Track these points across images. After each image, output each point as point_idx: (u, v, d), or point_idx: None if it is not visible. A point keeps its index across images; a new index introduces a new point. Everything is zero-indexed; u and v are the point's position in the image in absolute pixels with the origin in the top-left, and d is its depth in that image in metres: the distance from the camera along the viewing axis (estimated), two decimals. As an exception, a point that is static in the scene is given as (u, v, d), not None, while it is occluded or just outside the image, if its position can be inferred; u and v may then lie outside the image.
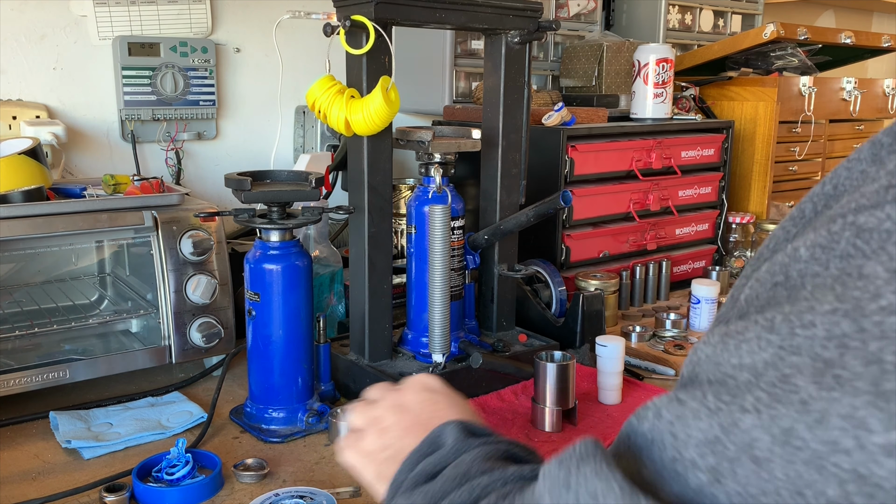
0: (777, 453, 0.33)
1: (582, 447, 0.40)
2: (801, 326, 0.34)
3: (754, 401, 0.34)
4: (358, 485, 0.94)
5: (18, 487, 0.93)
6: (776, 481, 0.33)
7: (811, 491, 0.32)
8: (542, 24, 1.21)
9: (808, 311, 0.34)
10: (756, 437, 0.33)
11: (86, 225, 1.14)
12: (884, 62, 3.15)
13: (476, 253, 1.26)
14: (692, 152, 1.70)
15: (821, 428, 0.32)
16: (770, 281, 0.38)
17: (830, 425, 0.31)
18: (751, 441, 0.33)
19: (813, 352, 0.33)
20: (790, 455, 0.32)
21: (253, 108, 1.73)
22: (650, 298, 1.63)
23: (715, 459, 0.35)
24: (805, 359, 0.33)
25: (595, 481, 0.37)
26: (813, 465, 0.32)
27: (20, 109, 1.45)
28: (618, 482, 0.37)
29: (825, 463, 0.31)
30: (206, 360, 1.28)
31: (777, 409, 0.33)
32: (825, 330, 0.33)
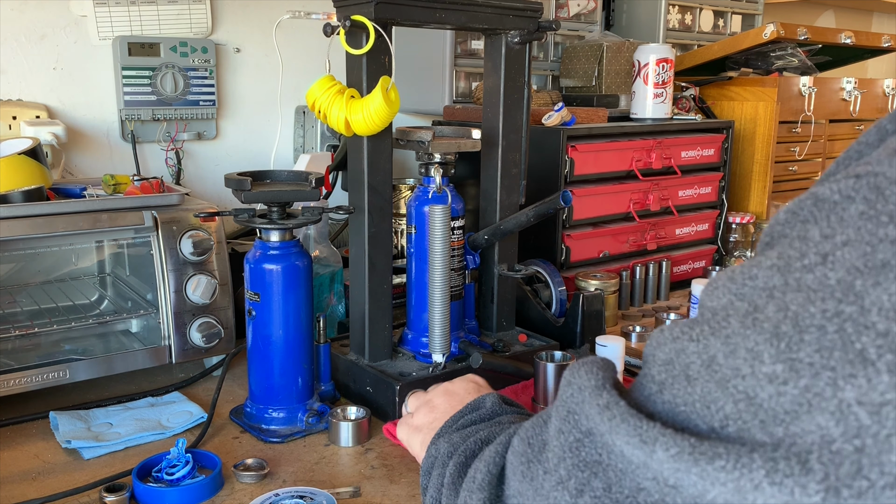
0: (702, 375, 0.39)
1: (591, 357, 0.49)
2: (748, 278, 0.40)
3: (699, 333, 0.40)
4: (358, 485, 0.94)
5: (18, 487, 0.93)
6: (695, 395, 0.40)
7: (714, 406, 0.38)
8: (542, 24, 1.21)
9: (756, 266, 0.40)
10: (692, 360, 0.40)
11: (86, 225, 1.14)
12: (884, 62, 3.15)
13: (476, 253, 1.26)
14: (692, 152, 1.70)
15: (732, 357, 0.38)
16: (763, 241, 0.44)
17: (738, 355, 0.38)
18: (688, 363, 0.40)
19: (751, 299, 0.39)
20: (708, 376, 0.39)
21: (253, 108, 1.73)
22: (650, 298, 1.63)
23: (665, 376, 0.42)
24: (744, 304, 0.39)
25: (584, 377, 0.46)
26: (721, 386, 0.38)
27: (20, 109, 1.45)
28: (596, 378, 0.45)
29: (728, 385, 0.38)
30: (206, 360, 1.28)
31: (710, 340, 0.40)
32: (763, 282, 0.39)
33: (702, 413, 0.39)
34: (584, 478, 0.43)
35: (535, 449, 0.50)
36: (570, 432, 0.45)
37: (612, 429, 0.41)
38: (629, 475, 0.41)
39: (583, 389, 0.45)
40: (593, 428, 0.43)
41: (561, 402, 0.47)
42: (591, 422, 0.44)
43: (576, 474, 0.44)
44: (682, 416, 0.40)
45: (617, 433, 0.41)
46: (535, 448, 0.50)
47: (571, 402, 0.46)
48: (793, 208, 0.41)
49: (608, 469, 0.42)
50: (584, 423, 0.44)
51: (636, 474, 0.41)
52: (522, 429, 0.53)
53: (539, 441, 0.50)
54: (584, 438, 0.44)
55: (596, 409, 0.43)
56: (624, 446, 0.40)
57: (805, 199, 0.40)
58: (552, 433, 0.47)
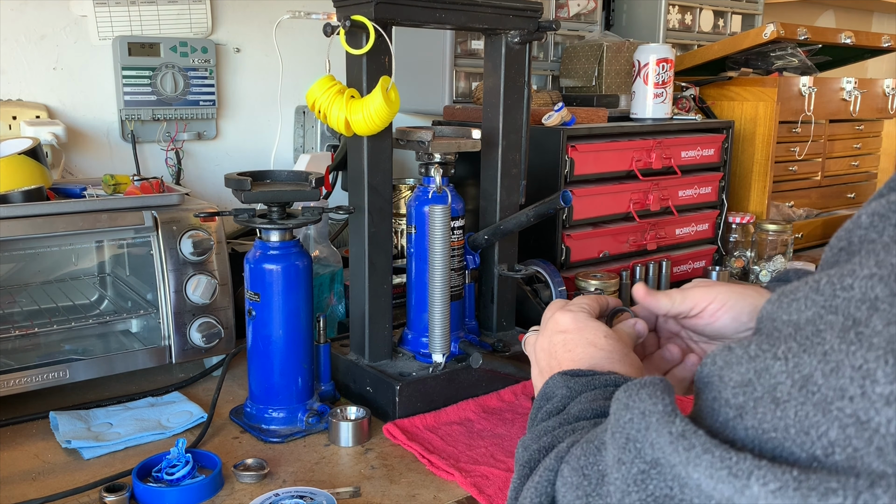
0: (794, 396, 0.36)
1: (648, 378, 0.45)
2: (841, 288, 0.37)
3: (786, 350, 0.37)
4: (358, 485, 0.94)
5: (18, 487, 0.93)
6: (787, 419, 0.36)
7: (815, 431, 0.34)
8: (542, 24, 1.21)
9: (850, 275, 0.36)
10: (780, 381, 0.36)
11: (86, 225, 1.14)
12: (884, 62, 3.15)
13: (476, 253, 1.26)
14: (692, 152, 1.70)
15: (834, 376, 0.34)
16: (837, 245, 0.41)
17: (842, 374, 0.34)
18: (775, 384, 0.37)
19: (847, 311, 0.36)
20: (804, 398, 0.35)
21: (253, 108, 1.73)
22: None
23: (744, 398, 0.38)
24: (839, 317, 0.36)
25: (647, 401, 0.42)
26: (820, 408, 0.34)
27: (20, 109, 1.45)
28: (663, 403, 0.41)
29: (832, 407, 0.34)
30: (206, 360, 1.28)
31: (802, 357, 0.36)
32: (861, 293, 0.35)
33: (799, 439, 0.35)
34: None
35: (593, 481, 0.46)
36: (633, 463, 0.41)
37: (688, 460, 0.37)
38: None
39: (647, 415, 0.41)
40: (661, 458, 0.39)
41: (618, 427, 0.43)
42: (658, 451, 0.39)
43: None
44: (772, 444, 0.36)
45: (696, 465, 0.37)
46: (592, 480, 0.46)
47: (631, 428, 0.42)
48: (879, 211, 0.38)
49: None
50: (650, 452, 0.40)
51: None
52: (573, 456, 0.49)
53: (595, 472, 0.46)
54: (651, 470, 0.40)
55: (667, 438, 0.39)
56: (704, 480, 0.36)
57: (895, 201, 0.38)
58: (610, 463, 0.43)
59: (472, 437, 1.06)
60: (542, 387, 0.62)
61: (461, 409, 1.13)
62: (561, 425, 0.56)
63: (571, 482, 0.47)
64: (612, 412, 0.44)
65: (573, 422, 0.56)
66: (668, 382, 0.44)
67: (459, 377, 1.15)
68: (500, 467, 0.98)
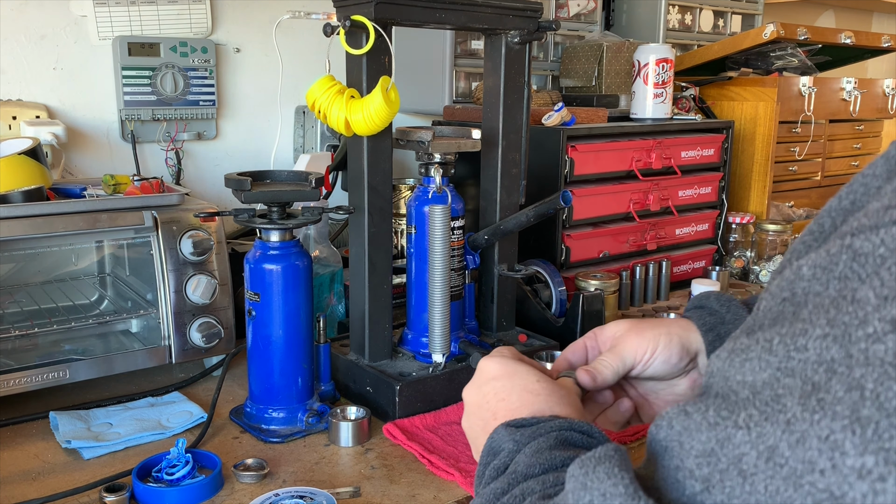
0: (761, 468, 0.34)
1: (602, 450, 0.43)
2: (795, 349, 0.35)
3: (747, 417, 0.35)
4: (358, 485, 0.94)
5: (18, 487, 0.93)
6: (757, 495, 0.34)
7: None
8: (542, 24, 1.21)
9: (802, 335, 0.35)
10: (744, 451, 0.35)
11: (86, 225, 1.14)
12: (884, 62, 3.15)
13: (476, 253, 1.26)
14: (692, 152, 1.70)
15: (801, 447, 0.33)
16: (779, 296, 0.39)
17: (809, 445, 0.33)
18: (740, 455, 0.35)
19: (805, 375, 0.34)
20: (772, 471, 0.34)
21: (253, 108, 1.73)
22: (650, 298, 1.63)
23: (709, 470, 0.37)
24: (797, 381, 0.35)
25: (606, 482, 0.40)
26: (791, 482, 0.33)
27: (20, 109, 1.45)
28: (624, 484, 0.39)
29: (802, 481, 0.33)
30: (206, 360, 1.28)
31: (765, 427, 0.35)
32: (816, 354, 0.34)
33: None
34: None
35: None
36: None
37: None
38: None
39: (607, 497, 0.39)
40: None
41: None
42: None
43: None
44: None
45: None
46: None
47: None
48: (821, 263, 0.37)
49: None
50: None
51: None
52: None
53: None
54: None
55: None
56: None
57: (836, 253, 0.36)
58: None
59: (472, 437, 1.06)
60: (487, 441, 0.59)
61: (461, 409, 1.12)
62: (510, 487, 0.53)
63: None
64: (570, 490, 0.42)
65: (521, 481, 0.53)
66: (624, 452, 0.43)
67: (459, 377, 1.15)
68: (500, 467, 0.98)
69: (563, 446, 0.55)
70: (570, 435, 0.56)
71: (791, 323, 0.37)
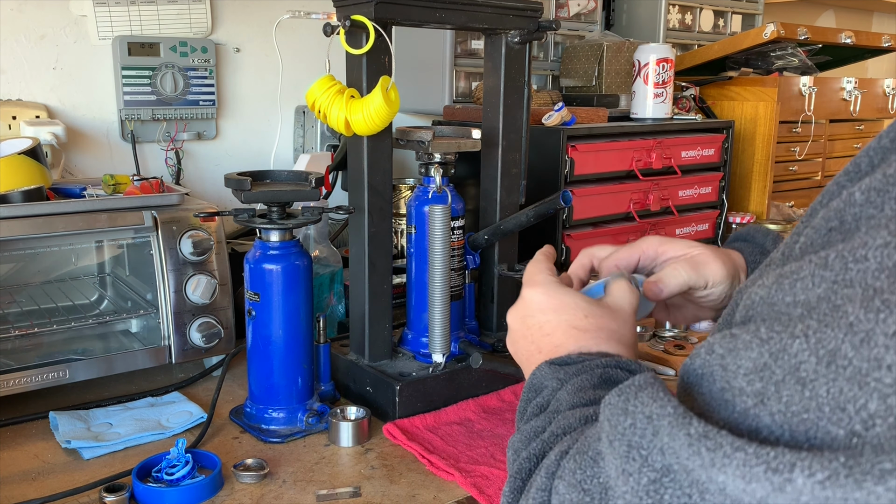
0: (822, 373, 0.34)
1: (641, 378, 0.42)
2: (853, 261, 0.35)
3: (804, 328, 0.35)
4: (358, 485, 0.94)
5: (18, 487, 0.93)
6: (819, 399, 0.33)
7: (853, 406, 0.32)
8: (542, 24, 1.21)
9: (862, 247, 0.35)
10: (803, 360, 0.34)
11: (86, 225, 1.14)
12: (884, 62, 3.15)
13: (476, 253, 1.26)
14: (692, 152, 1.70)
15: (865, 347, 0.32)
16: (825, 227, 0.39)
17: (875, 343, 0.32)
18: (797, 364, 0.35)
19: (865, 283, 0.34)
20: (834, 374, 0.33)
21: (253, 108, 1.73)
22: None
23: (762, 384, 0.36)
24: (857, 289, 0.34)
25: (651, 405, 0.39)
26: (855, 382, 0.32)
27: (20, 109, 1.45)
28: (672, 405, 0.38)
29: (868, 379, 0.32)
30: (206, 360, 1.28)
31: (825, 332, 0.34)
32: (877, 262, 0.34)
33: (835, 417, 0.33)
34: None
35: (595, 497, 0.42)
36: (641, 472, 0.38)
37: (712, 462, 0.34)
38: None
39: (654, 419, 0.38)
40: (674, 465, 0.36)
41: (615, 434, 0.40)
42: (671, 457, 0.37)
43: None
44: (805, 426, 0.34)
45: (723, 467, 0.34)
46: (595, 495, 0.42)
47: (634, 434, 0.39)
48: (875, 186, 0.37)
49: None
50: (659, 459, 0.37)
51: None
52: (566, 470, 0.45)
53: (596, 485, 0.42)
54: (663, 478, 0.37)
55: (684, 441, 0.36)
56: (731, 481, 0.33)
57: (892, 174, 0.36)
58: (613, 475, 0.40)
59: (472, 437, 1.06)
60: (530, 378, 0.58)
61: (461, 409, 1.13)
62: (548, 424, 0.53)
63: (570, 499, 0.44)
64: (606, 418, 0.41)
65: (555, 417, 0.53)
66: (662, 381, 0.42)
67: (459, 377, 1.15)
68: (500, 467, 0.98)
69: (606, 385, 0.54)
70: (616, 373, 0.55)
71: (846, 241, 0.37)
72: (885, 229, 0.35)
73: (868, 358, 0.32)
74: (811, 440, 0.34)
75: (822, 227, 0.39)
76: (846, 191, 0.39)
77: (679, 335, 1.40)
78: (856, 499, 0.30)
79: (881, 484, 0.29)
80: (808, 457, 0.32)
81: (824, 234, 0.39)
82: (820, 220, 0.40)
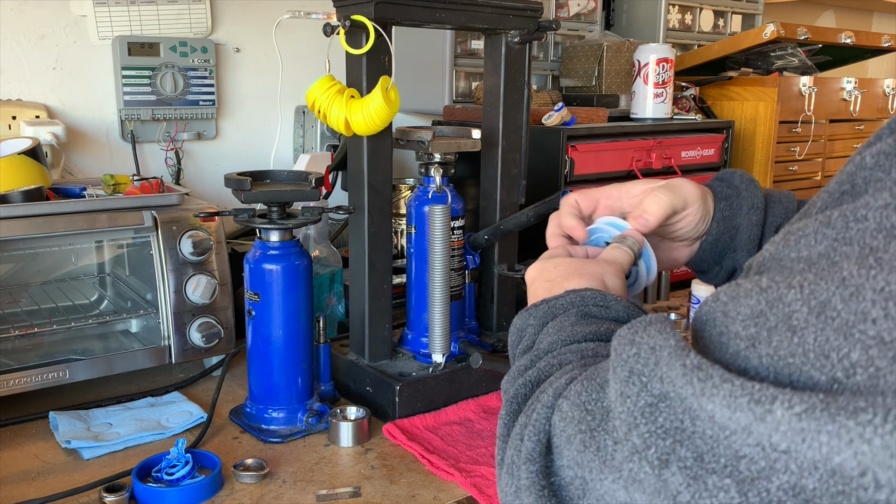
0: (811, 322, 0.35)
1: (653, 316, 0.44)
2: (854, 220, 0.36)
3: (801, 279, 0.37)
4: (358, 485, 0.94)
5: (18, 487, 0.93)
6: (805, 345, 0.35)
7: (836, 354, 0.34)
8: (542, 24, 1.21)
9: (864, 207, 0.37)
10: (795, 308, 0.36)
11: (85, 225, 1.14)
12: (884, 62, 3.15)
13: (476, 253, 1.26)
14: (692, 152, 1.69)
15: (854, 300, 0.34)
16: (838, 190, 0.41)
17: (863, 297, 0.34)
18: (790, 312, 0.36)
19: (863, 241, 0.36)
20: (822, 324, 0.35)
21: (253, 108, 1.73)
22: (650, 299, 1.62)
23: (756, 329, 0.38)
24: (854, 247, 0.36)
25: (656, 336, 0.41)
26: (842, 332, 0.34)
27: (20, 109, 1.45)
28: (675, 338, 0.40)
29: (853, 330, 0.34)
30: (205, 360, 1.28)
31: (819, 284, 0.36)
32: (876, 222, 0.36)
33: (818, 363, 0.35)
34: (668, 446, 0.38)
35: (597, 416, 0.45)
36: (639, 396, 0.40)
37: (703, 391, 0.36)
38: (723, 443, 0.36)
39: (656, 349, 0.40)
40: (670, 392, 0.39)
41: (620, 362, 0.42)
42: (668, 385, 0.39)
43: (655, 443, 0.38)
44: (789, 370, 0.36)
45: (712, 396, 0.36)
46: (597, 415, 0.45)
47: (636, 362, 0.41)
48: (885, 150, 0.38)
49: (694, 437, 0.37)
50: (658, 386, 0.39)
51: (732, 441, 0.36)
52: (572, 391, 0.48)
53: (599, 408, 0.45)
54: (659, 403, 0.39)
55: (679, 371, 0.38)
56: (719, 410, 0.36)
57: None
58: (613, 398, 0.42)
59: (472, 438, 1.06)
60: (511, 328, 0.64)
61: (461, 409, 1.13)
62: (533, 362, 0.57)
63: (572, 416, 0.46)
64: (614, 348, 0.44)
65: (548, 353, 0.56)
66: (672, 321, 0.44)
67: (459, 377, 1.15)
68: (500, 467, 0.98)
69: (584, 320, 0.58)
70: (588, 309, 0.60)
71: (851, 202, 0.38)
72: (888, 192, 0.36)
73: (856, 311, 0.34)
74: (794, 383, 0.35)
75: (835, 190, 0.41)
76: (859, 155, 0.41)
77: (679, 335, 1.40)
78: (828, 431, 0.32)
79: (853, 418, 0.31)
80: (789, 392, 0.34)
81: (837, 197, 0.40)
82: (834, 184, 0.41)
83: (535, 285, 0.69)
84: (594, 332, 0.57)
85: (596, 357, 0.54)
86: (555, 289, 0.64)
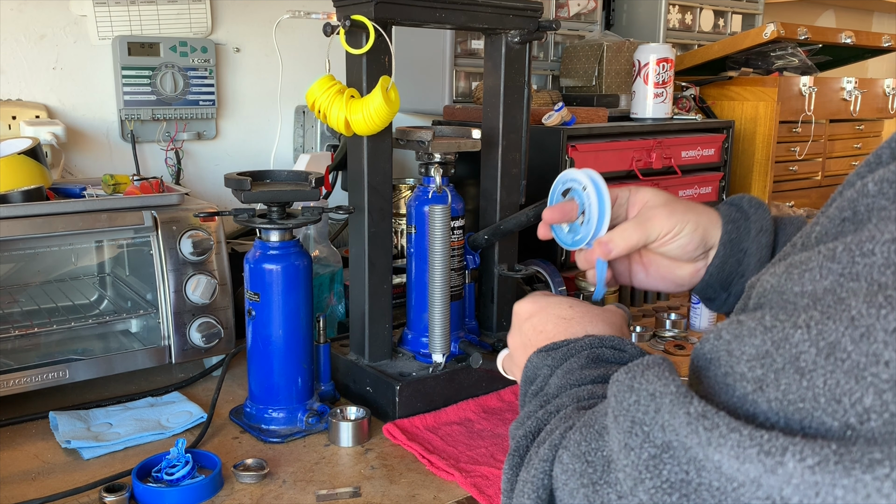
0: (820, 364, 0.34)
1: (650, 359, 0.43)
2: (860, 255, 0.35)
3: (807, 318, 0.35)
4: (358, 485, 0.94)
5: (18, 487, 0.93)
6: (815, 389, 0.34)
7: (848, 399, 0.33)
8: (542, 24, 1.21)
9: (869, 241, 0.35)
10: (803, 350, 0.35)
11: (85, 225, 1.14)
12: (884, 62, 3.15)
13: (476, 253, 1.26)
14: (692, 152, 1.69)
15: (865, 342, 0.33)
16: (839, 217, 0.40)
17: (874, 339, 0.32)
18: (797, 354, 0.35)
19: (870, 277, 0.34)
20: (832, 366, 0.33)
21: (253, 108, 1.73)
22: (650, 298, 1.62)
23: (762, 371, 0.36)
24: (862, 283, 0.35)
25: (655, 382, 0.40)
26: (852, 375, 0.33)
27: (20, 109, 1.45)
28: (675, 384, 0.39)
29: (865, 373, 0.32)
30: (205, 360, 1.28)
31: (827, 324, 0.34)
32: (884, 257, 0.34)
33: (830, 408, 0.33)
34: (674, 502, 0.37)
35: (598, 468, 0.43)
36: (643, 448, 0.39)
37: (709, 441, 0.35)
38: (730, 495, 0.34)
39: (657, 396, 0.39)
40: (674, 441, 0.37)
41: (620, 410, 0.41)
42: (671, 434, 0.37)
43: (661, 499, 0.37)
44: (800, 415, 0.34)
45: (719, 446, 0.34)
46: (598, 467, 0.43)
47: (637, 411, 0.40)
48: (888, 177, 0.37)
49: (700, 489, 0.35)
50: (660, 435, 0.38)
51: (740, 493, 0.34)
52: (571, 441, 0.47)
53: (600, 458, 0.44)
54: (663, 454, 0.38)
55: (683, 419, 0.37)
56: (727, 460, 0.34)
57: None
58: (616, 449, 0.41)
59: (472, 438, 1.06)
60: (524, 369, 0.61)
61: (461, 409, 1.13)
62: (543, 405, 0.55)
63: (573, 469, 0.45)
64: (612, 394, 0.43)
65: (553, 399, 0.55)
66: (670, 362, 0.43)
67: (459, 377, 1.15)
68: (500, 467, 0.97)
69: (594, 364, 0.57)
70: (602, 352, 0.58)
71: (855, 234, 0.37)
72: (894, 223, 0.35)
73: (867, 353, 0.33)
74: (805, 429, 0.34)
75: (836, 216, 0.40)
76: (861, 181, 0.39)
77: (679, 335, 1.41)
78: (844, 485, 0.30)
79: (869, 472, 0.30)
80: (801, 442, 0.32)
81: (838, 224, 0.39)
82: (834, 210, 0.40)
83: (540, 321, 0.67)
84: (602, 376, 0.56)
85: (592, 399, 0.53)
86: (573, 328, 0.63)
